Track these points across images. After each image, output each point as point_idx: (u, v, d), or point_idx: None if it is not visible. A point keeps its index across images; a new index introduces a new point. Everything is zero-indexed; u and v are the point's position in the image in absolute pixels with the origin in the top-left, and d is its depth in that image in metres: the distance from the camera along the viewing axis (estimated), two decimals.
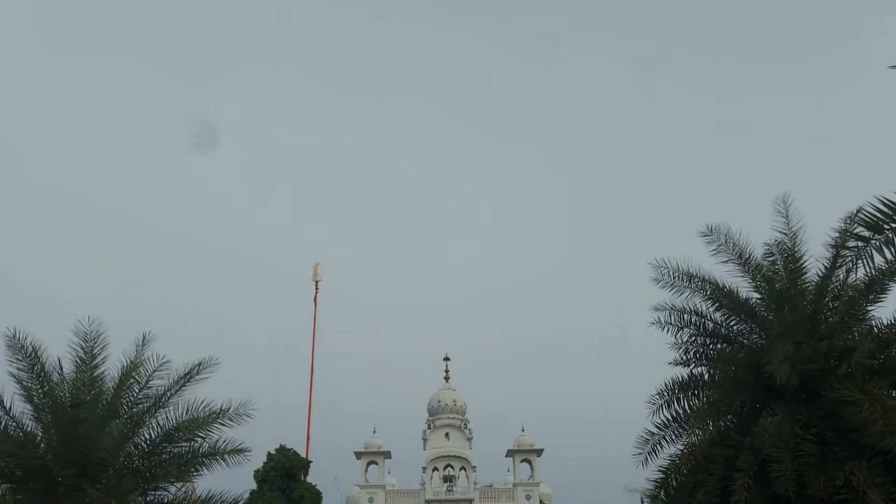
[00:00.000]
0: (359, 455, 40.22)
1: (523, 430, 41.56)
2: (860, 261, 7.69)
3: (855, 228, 6.89)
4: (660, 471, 13.53)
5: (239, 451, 13.89)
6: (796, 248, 13.10)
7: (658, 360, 14.76)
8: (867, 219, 6.53)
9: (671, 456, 13.75)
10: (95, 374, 13.64)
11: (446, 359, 45.46)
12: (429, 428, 42.70)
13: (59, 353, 13.58)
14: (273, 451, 53.05)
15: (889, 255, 6.54)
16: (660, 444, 13.70)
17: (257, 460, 51.44)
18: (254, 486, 48.92)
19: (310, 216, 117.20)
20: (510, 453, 40.59)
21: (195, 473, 13.62)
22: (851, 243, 7.38)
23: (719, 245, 13.65)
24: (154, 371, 13.69)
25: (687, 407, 13.69)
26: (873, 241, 6.69)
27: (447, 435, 41.92)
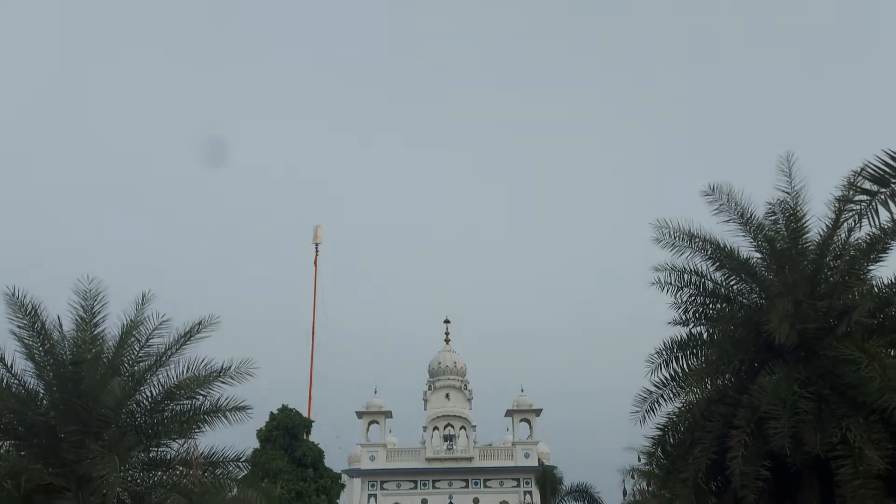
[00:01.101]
0: (360, 415, 40.69)
1: (522, 391, 42.01)
2: (865, 216, 7.60)
3: (860, 182, 6.77)
4: (657, 428, 13.61)
5: (240, 408, 13.99)
6: (798, 208, 13.02)
7: (658, 322, 14.82)
8: (873, 172, 6.43)
9: (669, 414, 13.82)
10: (96, 333, 13.68)
11: (447, 321, 45.76)
12: (429, 389, 43.15)
13: (58, 311, 13.62)
14: (275, 411, 53.76)
15: (894, 210, 6.44)
16: (658, 402, 13.74)
17: (259, 420, 52.06)
18: (257, 445, 49.69)
19: (309, 177, 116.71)
20: (509, 413, 41.08)
21: (197, 430, 13.74)
22: (858, 198, 7.26)
23: (721, 205, 13.56)
24: (154, 329, 13.73)
25: (685, 366, 13.71)
26: (878, 196, 6.60)
27: (447, 396, 42.38)
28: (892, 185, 6.47)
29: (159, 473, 13.62)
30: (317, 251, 79.44)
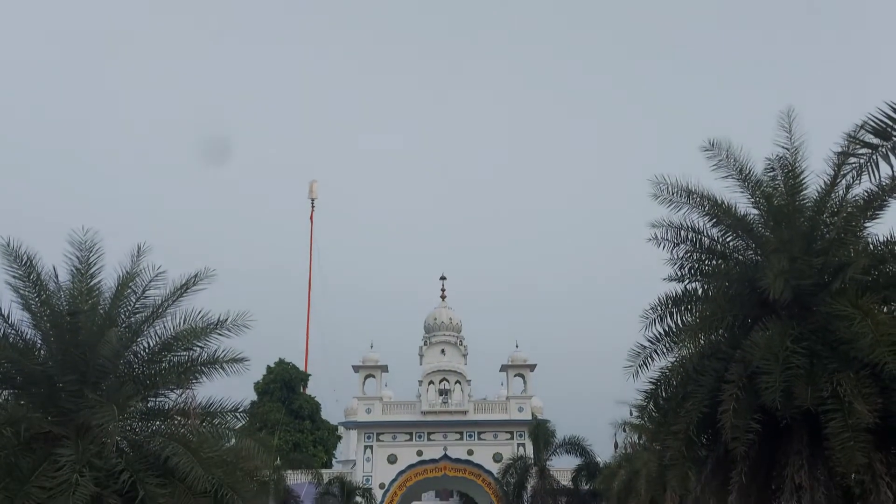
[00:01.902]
0: (356, 369, 41.06)
1: (517, 346, 42.39)
2: (864, 170, 7.55)
3: (862, 136, 6.70)
4: (650, 382, 13.75)
5: (237, 360, 14.06)
6: (797, 164, 12.94)
7: (653, 280, 14.86)
8: (875, 125, 6.35)
9: (662, 369, 13.95)
10: (92, 284, 13.68)
11: (443, 278, 45.86)
12: (425, 345, 43.46)
13: (53, 262, 13.59)
14: (272, 365, 54.37)
15: (895, 162, 6.38)
16: (651, 357, 13.83)
17: (257, 373, 52.73)
18: (254, 397, 50.34)
19: (308, 132, 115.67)
20: (504, 368, 41.51)
21: (194, 381, 13.84)
22: (860, 151, 7.20)
23: (720, 160, 13.47)
24: (150, 281, 13.74)
25: (679, 321, 13.77)
26: (879, 149, 6.54)
27: (443, 351, 42.71)
28: (894, 139, 6.41)
29: (157, 423, 13.77)
30: (313, 206, 79.22)
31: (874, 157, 6.76)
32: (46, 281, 13.36)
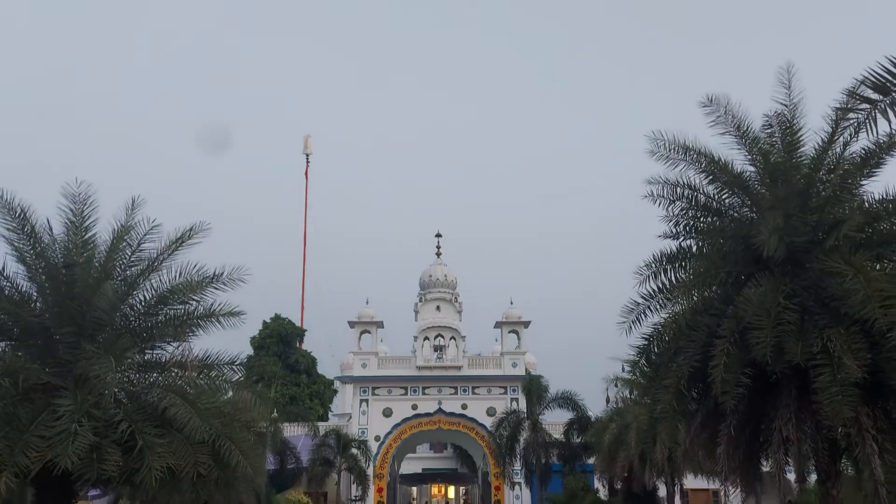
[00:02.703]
0: (352, 324, 41.32)
1: (511, 303, 42.66)
2: (863, 127, 7.49)
3: (861, 91, 6.64)
4: (643, 338, 13.87)
5: (234, 313, 14.12)
6: (795, 121, 12.83)
7: (648, 239, 14.88)
8: (874, 80, 6.29)
9: (654, 325, 14.06)
10: (87, 237, 13.64)
11: (438, 235, 45.89)
12: (420, 301, 43.69)
13: (47, 214, 13.52)
14: (268, 320, 54.69)
15: (893, 118, 6.34)
16: (644, 313, 13.90)
17: (253, 328, 53.09)
18: (251, 352, 50.76)
19: (302, 86, 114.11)
20: (498, 325, 41.83)
21: (191, 334, 13.91)
22: (859, 107, 7.13)
23: (718, 116, 13.35)
24: (145, 234, 13.71)
25: (673, 278, 13.83)
26: (879, 105, 6.49)
27: (438, 308, 42.96)
28: (893, 94, 6.36)
29: (155, 375, 13.89)
30: (307, 162, 78.61)
31: (873, 112, 6.70)
32: (41, 233, 13.32)
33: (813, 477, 13.95)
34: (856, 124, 11.30)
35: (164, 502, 13.88)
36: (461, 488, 55.48)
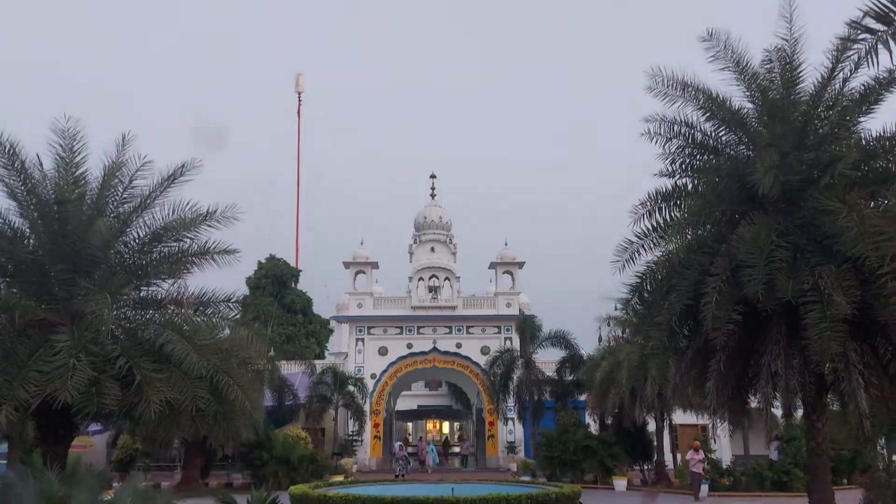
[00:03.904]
0: (347, 265, 41.44)
1: (506, 244, 42.76)
2: (864, 61, 7.36)
3: (865, 21, 6.49)
4: (636, 276, 13.93)
5: (228, 251, 14.08)
6: (796, 56, 12.62)
7: (644, 175, 14.79)
8: (878, 9, 6.16)
9: (648, 263, 14.10)
10: (78, 174, 13.49)
11: (433, 176, 45.61)
12: (415, 242, 43.74)
13: (37, 150, 13.32)
14: (263, 261, 54.84)
15: (895, 48, 6.22)
16: (638, 252, 13.89)
17: (248, 268, 53.27)
18: (246, 292, 51.04)
19: (297, 25, 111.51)
20: (493, 266, 42.02)
21: (186, 272, 13.90)
22: (861, 37, 6.99)
23: (717, 52, 13.11)
24: (137, 171, 13.56)
25: (668, 217, 13.80)
26: (881, 35, 6.36)
27: (432, 249, 43.05)
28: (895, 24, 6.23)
29: (151, 312, 13.95)
30: (299, 101, 77.44)
31: (875, 44, 6.57)
32: (31, 169, 13.16)
33: (799, 412, 14.29)
34: (856, 59, 11.13)
35: (164, 436, 14.12)
36: (456, 424, 56.74)
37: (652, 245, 13.91)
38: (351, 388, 36.00)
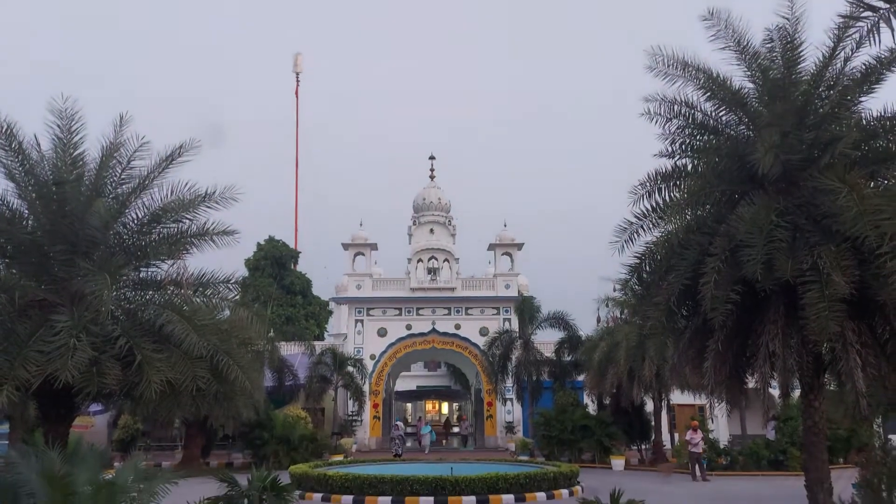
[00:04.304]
0: (346, 246, 41.47)
1: (505, 226, 42.78)
2: (866, 40, 7.32)
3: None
4: (635, 257, 13.94)
5: (227, 232, 14.03)
6: (797, 35, 12.55)
7: (644, 156, 14.75)
8: None
9: (647, 243, 14.10)
10: (76, 154, 13.43)
11: (432, 157, 45.54)
12: (414, 224, 43.75)
13: (34, 131, 13.25)
14: (262, 242, 54.84)
15: None
16: (637, 233, 13.86)
17: (247, 249, 53.29)
18: (246, 273, 51.10)
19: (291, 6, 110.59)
20: (492, 247, 42.07)
21: (185, 252, 13.87)
22: (864, 14, 6.95)
23: (718, 31, 13.03)
24: (135, 152, 13.48)
25: (668, 197, 13.78)
26: (884, 12, 6.32)
27: (431, 230, 43.07)
28: None
29: (151, 292, 13.94)
30: (297, 81, 77.01)
31: (877, 22, 6.53)
32: (28, 149, 13.09)
33: (796, 393, 14.37)
34: (858, 38, 11.06)
35: (165, 415, 14.18)
36: (455, 404, 57.10)
37: (651, 226, 13.88)
38: (350, 368, 36.19)
